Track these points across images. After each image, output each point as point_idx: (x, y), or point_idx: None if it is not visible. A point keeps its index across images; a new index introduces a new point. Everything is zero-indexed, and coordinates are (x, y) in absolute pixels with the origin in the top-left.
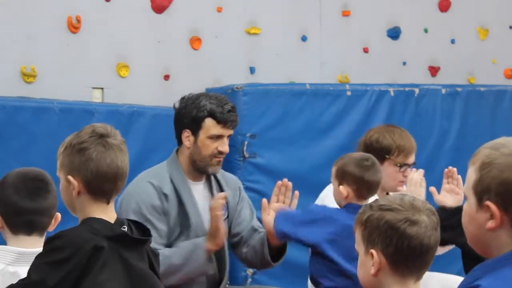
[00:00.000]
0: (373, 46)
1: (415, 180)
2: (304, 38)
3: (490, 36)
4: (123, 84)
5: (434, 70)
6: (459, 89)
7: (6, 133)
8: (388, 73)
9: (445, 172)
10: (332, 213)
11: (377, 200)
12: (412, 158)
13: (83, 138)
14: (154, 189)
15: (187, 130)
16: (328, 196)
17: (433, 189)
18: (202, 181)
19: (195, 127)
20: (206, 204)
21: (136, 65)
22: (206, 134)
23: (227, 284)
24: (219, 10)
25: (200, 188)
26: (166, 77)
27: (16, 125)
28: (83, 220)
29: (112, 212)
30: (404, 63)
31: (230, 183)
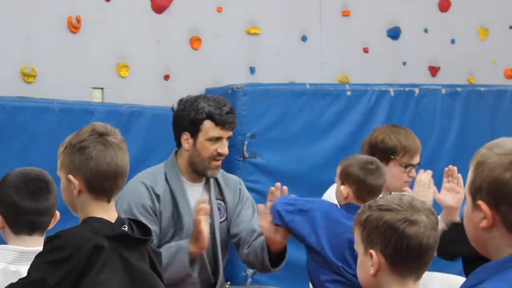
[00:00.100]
0: (373, 46)
1: (424, 181)
2: (304, 38)
3: (490, 36)
4: (123, 84)
5: (434, 70)
6: (459, 89)
7: (6, 133)
8: (388, 73)
9: (445, 171)
10: (326, 207)
11: (376, 200)
12: (417, 159)
13: (83, 137)
14: (146, 189)
15: (186, 133)
16: (332, 196)
17: (434, 189)
18: (202, 183)
19: (194, 130)
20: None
21: (136, 65)
22: (205, 136)
23: (228, 284)
24: (219, 10)
25: (199, 190)
26: (166, 77)
27: (16, 125)
28: (84, 220)
29: (113, 211)
30: (404, 63)
31: (230, 184)
